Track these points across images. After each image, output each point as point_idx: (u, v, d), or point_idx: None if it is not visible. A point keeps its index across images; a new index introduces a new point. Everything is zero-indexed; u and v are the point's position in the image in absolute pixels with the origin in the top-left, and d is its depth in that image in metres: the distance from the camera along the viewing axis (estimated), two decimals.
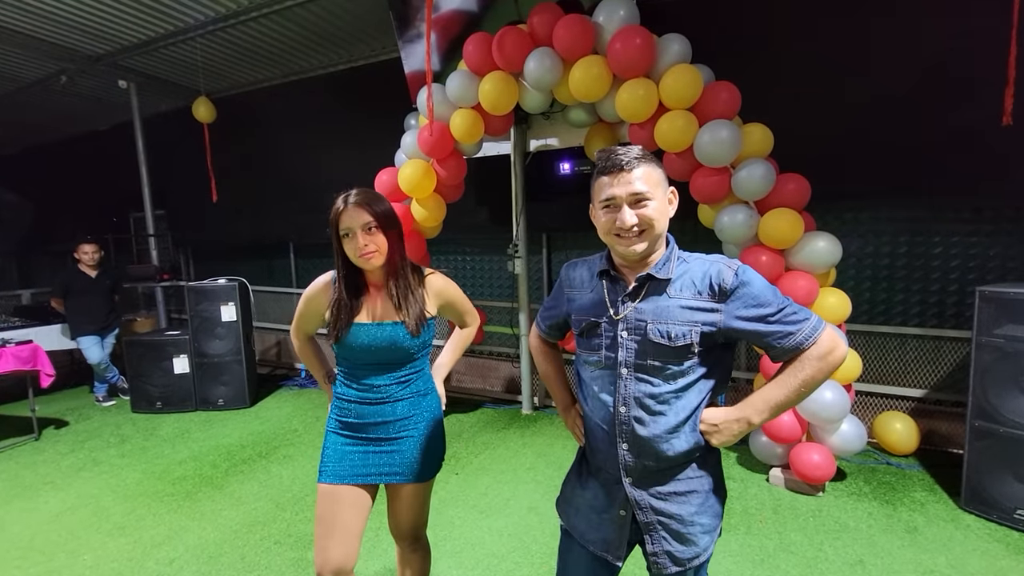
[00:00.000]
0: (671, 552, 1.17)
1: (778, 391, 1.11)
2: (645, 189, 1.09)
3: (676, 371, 1.12)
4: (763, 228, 2.79)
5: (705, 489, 1.18)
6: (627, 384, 1.14)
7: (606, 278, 1.21)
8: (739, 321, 1.09)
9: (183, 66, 5.29)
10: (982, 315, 2.52)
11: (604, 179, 1.12)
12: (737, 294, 1.09)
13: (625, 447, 1.15)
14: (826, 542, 2.41)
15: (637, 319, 1.14)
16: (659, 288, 1.14)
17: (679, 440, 1.13)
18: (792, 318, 1.09)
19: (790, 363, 1.11)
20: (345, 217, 1.43)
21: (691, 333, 1.10)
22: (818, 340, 1.08)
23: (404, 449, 1.55)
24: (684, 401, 1.13)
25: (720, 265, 1.13)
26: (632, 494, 1.17)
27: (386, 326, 1.49)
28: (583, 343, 1.24)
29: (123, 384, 4.92)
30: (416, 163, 3.48)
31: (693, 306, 1.11)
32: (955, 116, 3.03)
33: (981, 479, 2.54)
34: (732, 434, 1.14)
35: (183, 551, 2.49)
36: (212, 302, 4.56)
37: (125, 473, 3.38)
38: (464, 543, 2.47)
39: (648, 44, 2.77)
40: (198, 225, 6.51)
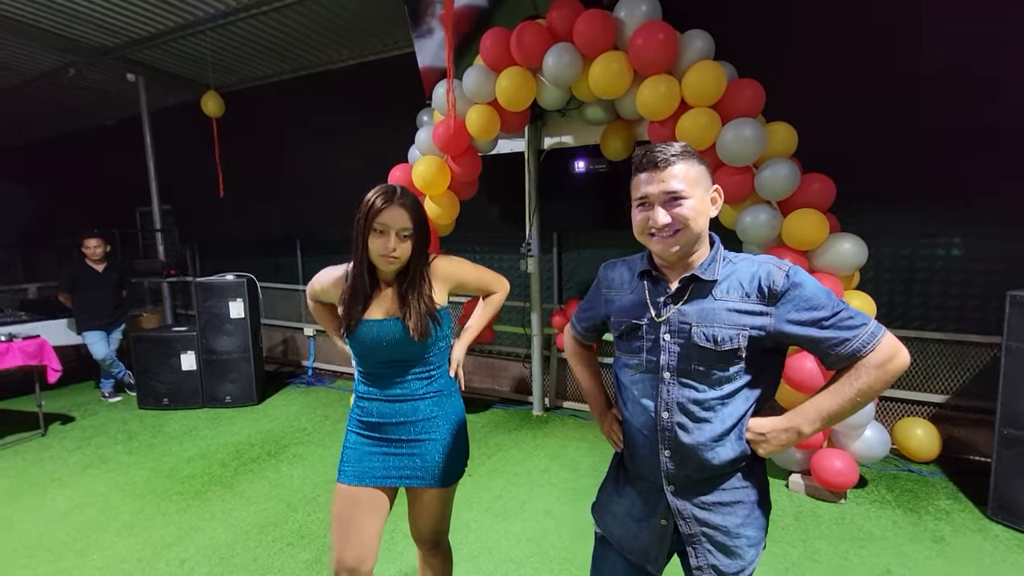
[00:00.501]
0: (716, 566, 1.12)
1: (832, 400, 1.04)
2: (681, 188, 1.04)
3: (722, 376, 1.07)
4: (787, 229, 2.74)
5: (751, 500, 1.13)
6: (670, 389, 1.10)
7: (647, 279, 1.17)
8: (790, 325, 1.03)
9: (192, 60, 5.24)
10: (1012, 320, 2.46)
11: (640, 176, 1.09)
12: (788, 296, 1.04)
13: (667, 454, 1.11)
14: (851, 551, 2.35)
15: (681, 322, 1.09)
16: (704, 290, 1.09)
17: (725, 448, 1.08)
18: (848, 323, 1.01)
19: (845, 371, 1.04)
20: (387, 214, 1.38)
21: (738, 337, 1.05)
22: (877, 347, 1.00)
23: (426, 452, 1.50)
24: (730, 408, 1.08)
25: (770, 266, 1.07)
26: (674, 503, 1.12)
27: (392, 322, 1.44)
28: (623, 346, 1.20)
29: (130, 380, 4.88)
30: (430, 159, 3.43)
31: (741, 309, 1.06)
32: (979, 117, 2.98)
33: (1010, 488, 2.48)
34: (780, 444, 1.08)
35: (194, 552, 2.44)
36: (220, 298, 4.51)
37: (133, 471, 3.34)
38: (481, 547, 2.42)
39: (671, 40, 2.71)
40: (205, 221, 6.47)
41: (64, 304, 4.74)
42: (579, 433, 3.81)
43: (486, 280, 1.65)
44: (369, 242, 1.40)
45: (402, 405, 1.48)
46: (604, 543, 1.28)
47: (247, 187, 5.88)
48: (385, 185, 1.43)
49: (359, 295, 1.45)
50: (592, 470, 3.19)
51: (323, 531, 2.59)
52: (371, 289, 1.46)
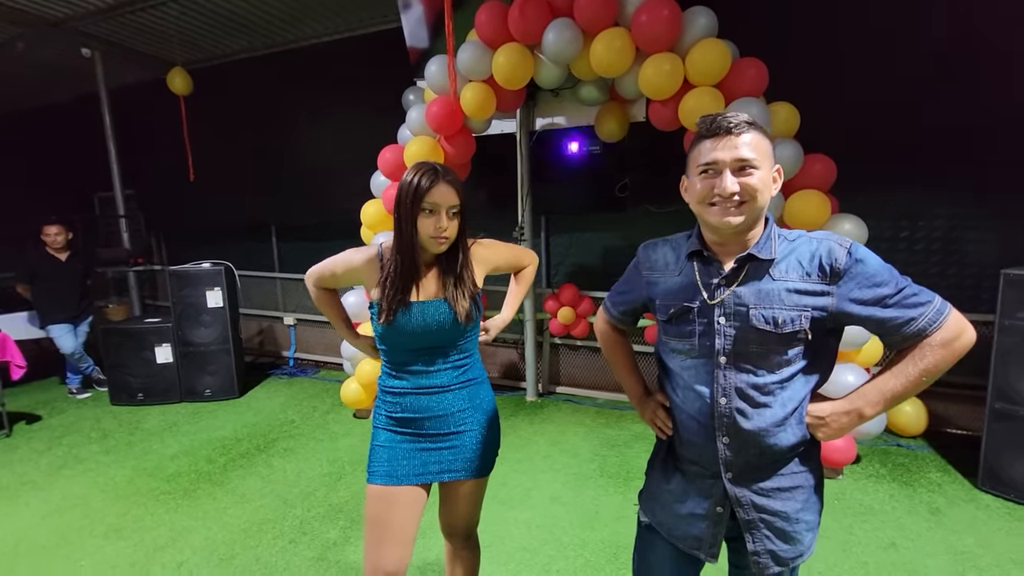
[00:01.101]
0: (774, 551, 1.10)
1: (895, 381, 1.00)
2: (753, 156, 0.99)
3: (781, 360, 1.03)
4: (789, 210, 2.74)
5: (809, 484, 1.11)
6: (726, 374, 1.05)
7: (698, 259, 1.11)
8: (854, 305, 0.99)
9: (155, 35, 4.90)
10: (1006, 298, 2.53)
11: (707, 143, 1.03)
12: (851, 274, 0.99)
13: (726, 440, 1.07)
14: (855, 525, 2.41)
15: (737, 304, 1.04)
16: (761, 270, 1.04)
17: (786, 433, 1.05)
18: (913, 300, 0.97)
19: (909, 350, 1.00)
20: (435, 193, 1.30)
21: (800, 318, 1.00)
22: (943, 325, 0.96)
23: (464, 444, 1.44)
24: (790, 392, 1.04)
25: (831, 243, 1.02)
26: (732, 491, 1.09)
27: (438, 303, 1.37)
28: (671, 330, 1.14)
29: (99, 375, 4.62)
30: (423, 140, 3.30)
31: (801, 289, 1.01)
32: (976, 97, 3.03)
33: (1000, 460, 2.58)
34: (841, 427, 1.05)
35: (191, 554, 2.32)
36: (196, 287, 4.29)
37: (112, 470, 3.16)
38: (493, 537, 2.38)
39: (675, 17, 2.65)
40: (172, 206, 6.12)
41: (23, 296, 4.43)
42: (575, 418, 3.80)
43: (519, 257, 1.63)
44: (420, 223, 1.31)
45: (436, 397, 1.40)
46: (650, 531, 1.24)
47: (218, 170, 5.59)
48: (423, 163, 1.34)
49: (408, 278, 1.35)
50: (593, 455, 3.17)
51: (325, 527, 2.51)
52: (416, 272, 1.37)
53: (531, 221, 4.15)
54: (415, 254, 1.35)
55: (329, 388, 4.65)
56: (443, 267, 1.39)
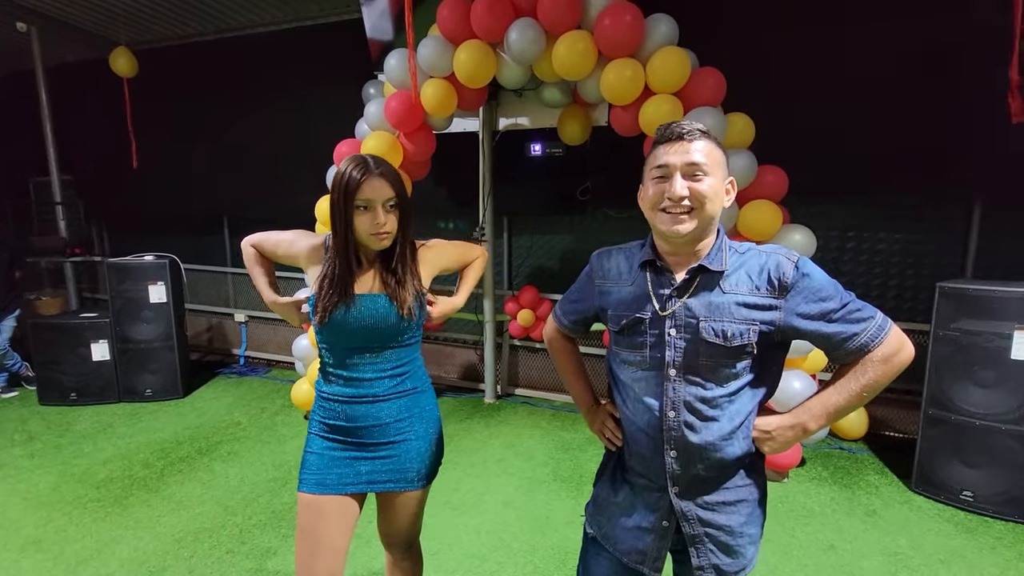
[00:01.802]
0: (718, 565, 1.09)
1: (838, 396, 1.02)
2: (703, 161, 0.99)
3: (729, 373, 1.03)
4: (743, 219, 2.80)
5: (754, 498, 1.11)
6: (676, 387, 1.05)
7: (650, 269, 1.10)
8: (800, 319, 1.00)
9: (98, 11, 4.60)
10: (940, 309, 2.65)
11: (660, 148, 1.03)
12: (798, 288, 1.00)
13: (673, 454, 1.06)
14: (797, 528, 2.48)
15: (687, 316, 1.03)
16: (712, 282, 1.04)
17: (732, 447, 1.04)
18: (856, 315, 0.99)
19: (851, 366, 1.02)
20: (367, 187, 1.23)
21: (749, 332, 1.00)
22: (884, 341, 0.98)
23: (400, 454, 1.38)
24: (737, 405, 1.04)
25: (779, 256, 1.03)
26: (678, 505, 1.08)
27: (377, 298, 1.31)
28: (623, 341, 1.12)
29: (27, 372, 4.32)
30: (381, 135, 3.21)
31: (750, 303, 1.01)
32: (912, 115, 3.18)
33: (932, 463, 2.70)
34: (786, 440, 1.05)
35: (116, 567, 2.18)
36: (138, 281, 4.07)
37: (36, 476, 2.94)
38: (441, 544, 2.33)
39: (637, 22, 2.66)
40: (115, 194, 5.78)
41: None
42: (532, 420, 3.79)
43: (464, 255, 1.57)
44: (354, 221, 1.25)
45: (373, 406, 1.35)
46: (595, 543, 1.22)
47: (166, 158, 5.33)
48: (355, 156, 1.28)
49: (344, 280, 1.29)
50: (548, 458, 3.16)
51: (266, 535, 2.40)
52: (356, 270, 1.32)
53: (492, 221, 4.11)
54: (351, 255, 1.29)
55: (280, 388, 4.49)
56: (386, 264, 1.33)
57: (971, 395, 2.56)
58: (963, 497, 2.59)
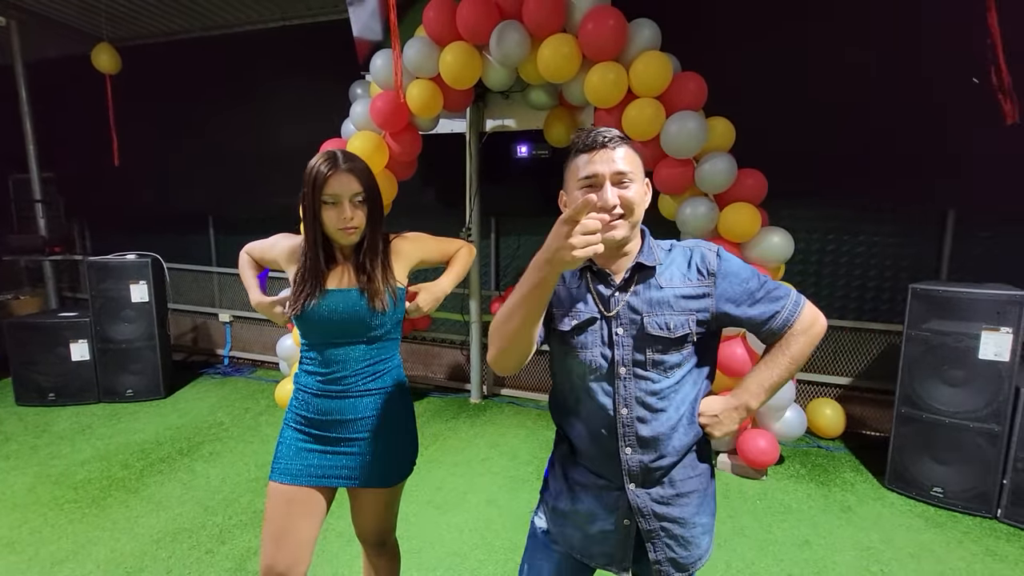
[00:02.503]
0: (675, 559, 1.11)
1: (771, 372, 1.09)
2: (629, 169, 1.03)
3: (673, 364, 1.07)
4: (723, 221, 2.85)
5: (703, 487, 1.14)
6: (626, 384, 1.07)
7: (589, 274, 1.11)
8: (729, 304, 1.07)
9: (80, 6, 4.54)
10: (913, 310, 2.72)
11: (583, 157, 1.04)
12: (722, 273, 1.08)
13: (629, 451, 1.07)
14: (774, 524, 2.53)
15: (632, 313, 1.07)
16: (649, 278, 1.08)
17: (680, 435, 1.08)
18: (775, 293, 1.08)
19: (776, 342, 1.10)
20: (334, 182, 1.26)
21: (688, 322, 1.06)
22: (801, 314, 1.07)
23: (368, 451, 1.39)
24: (682, 394, 1.08)
25: (701, 248, 1.11)
26: (635, 501, 1.09)
27: (350, 292, 1.33)
28: (569, 344, 1.11)
29: None
30: (367, 135, 3.22)
31: (686, 294, 1.07)
32: (887, 119, 3.26)
33: (904, 460, 2.77)
34: (733, 422, 1.11)
35: (93, 567, 2.16)
36: (119, 280, 4.02)
37: (12, 477, 2.90)
38: (423, 542, 2.34)
39: (621, 27, 2.70)
40: (97, 192, 5.70)
41: None
42: (517, 420, 3.81)
43: (445, 249, 1.56)
44: (323, 216, 1.27)
45: (344, 401, 1.36)
46: (548, 540, 1.21)
47: (149, 156, 5.27)
48: (325, 151, 1.30)
49: (316, 274, 1.32)
50: (532, 457, 3.19)
51: (246, 535, 2.39)
52: (326, 266, 1.34)
53: (479, 222, 4.13)
54: (319, 249, 1.31)
55: (265, 388, 4.46)
56: (358, 259, 1.35)
57: (941, 394, 2.63)
58: (933, 493, 2.66)
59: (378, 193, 1.34)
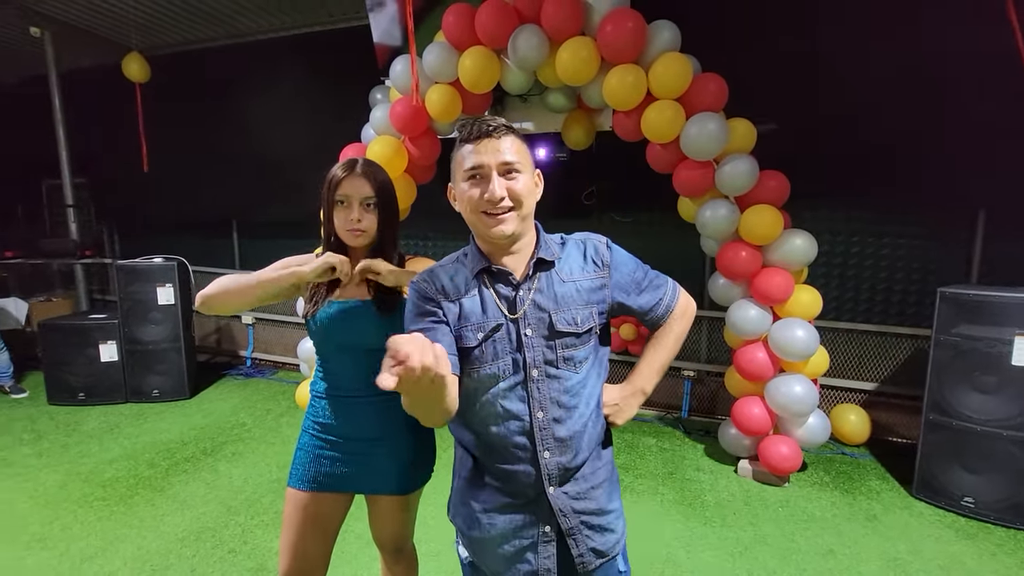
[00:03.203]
0: (594, 548, 1.08)
1: (659, 354, 1.18)
2: (515, 160, 1.00)
3: (581, 358, 1.06)
4: (744, 224, 2.81)
5: (609, 474, 1.13)
6: (539, 386, 1.03)
7: (487, 276, 1.06)
8: (621, 293, 1.10)
9: (111, 17, 4.69)
10: (941, 314, 2.65)
11: (468, 147, 1.01)
12: (614, 264, 1.10)
13: (547, 455, 1.03)
14: (797, 532, 2.48)
15: (538, 312, 1.03)
16: (550, 274, 1.06)
17: (591, 429, 1.07)
18: (657, 282, 1.15)
19: (659, 327, 1.18)
20: (346, 184, 1.30)
21: (593, 314, 1.06)
22: (679, 300, 1.18)
23: (383, 458, 1.39)
24: (589, 388, 1.07)
25: (593, 241, 1.12)
26: (556, 503, 1.04)
27: (360, 301, 1.34)
28: (477, 355, 1.03)
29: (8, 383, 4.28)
30: (386, 140, 3.25)
31: (587, 286, 1.07)
32: (915, 121, 3.18)
33: (932, 469, 2.69)
34: (632, 408, 1.16)
35: (120, 564, 2.21)
36: (146, 283, 4.12)
37: (44, 475, 2.99)
38: (442, 544, 2.35)
39: (640, 29, 2.68)
40: (126, 197, 5.87)
41: None
42: None
43: None
44: (334, 216, 1.31)
45: (359, 408, 1.37)
46: (476, 570, 1.15)
47: (176, 162, 5.39)
48: (348, 157, 1.33)
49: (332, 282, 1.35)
50: None
51: (268, 536, 2.43)
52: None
53: None
54: (336, 249, 1.35)
55: (286, 390, 4.52)
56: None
57: (972, 401, 2.55)
58: (964, 503, 2.58)
59: (392, 201, 1.36)
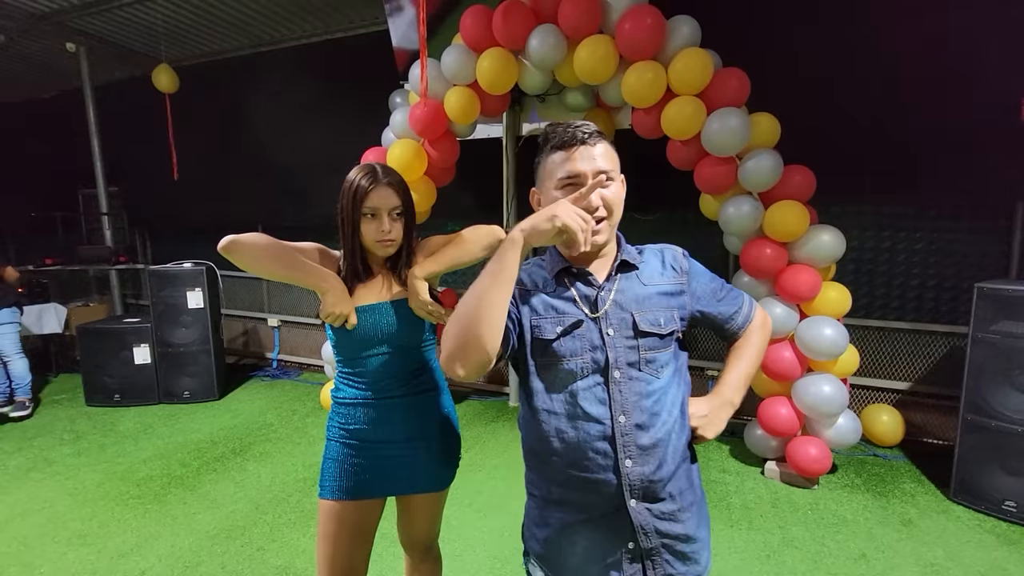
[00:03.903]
0: (673, 574, 1.02)
1: (745, 364, 1.14)
2: (609, 168, 0.98)
3: (663, 362, 1.03)
4: (768, 220, 2.75)
5: (699, 499, 1.07)
6: (621, 388, 0.99)
7: (567, 276, 1.05)
8: (699, 301, 1.10)
9: (141, 30, 4.85)
10: (979, 311, 2.55)
11: (560, 154, 0.99)
12: (692, 273, 1.10)
13: (629, 463, 0.97)
14: (827, 536, 2.41)
15: (620, 313, 1.02)
16: (631, 276, 1.06)
17: (677, 439, 1.02)
18: (733, 294, 1.14)
19: (738, 339, 1.16)
20: (375, 195, 1.29)
21: (674, 318, 1.04)
22: (756, 312, 1.17)
23: (419, 455, 1.40)
24: (671, 395, 1.03)
25: (670, 250, 1.12)
26: (638, 519, 0.98)
27: (389, 304, 1.35)
28: (554, 354, 1.01)
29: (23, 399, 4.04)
30: (406, 143, 3.28)
31: (667, 291, 1.06)
32: (950, 113, 3.07)
33: (970, 471, 2.59)
34: (722, 421, 1.09)
35: (155, 561, 2.28)
36: (177, 287, 4.24)
37: (82, 474, 3.10)
38: (464, 545, 2.36)
39: (659, 25, 2.66)
40: (157, 204, 6.06)
41: None
42: None
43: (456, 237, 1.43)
44: (362, 228, 1.30)
45: (395, 409, 1.38)
46: None
47: (204, 169, 5.54)
48: (364, 165, 1.33)
49: (353, 280, 1.36)
50: None
51: (295, 534, 2.47)
52: (364, 278, 1.37)
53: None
54: (357, 261, 1.34)
55: (311, 391, 4.60)
56: (394, 272, 1.38)
57: (1011, 400, 2.45)
58: (1005, 507, 2.48)
59: (413, 206, 1.37)
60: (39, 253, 5.56)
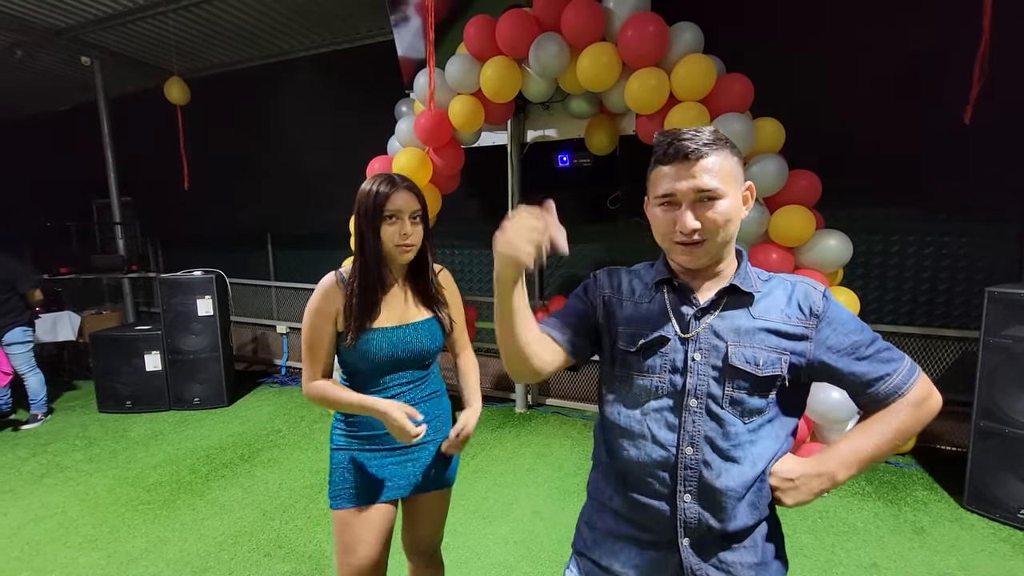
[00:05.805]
0: None
1: (870, 441, 0.90)
2: (715, 185, 0.88)
3: (753, 408, 0.91)
4: (774, 225, 2.74)
5: (771, 557, 0.96)
6: (695, 419, 0.92)
7: (667, 287, 0.99)
8: (830, 353, 0.91)
9: (154, 44, 4.95)
10: (990, 316, 2.52)
11: (664, 169, 0.91)
12: (828, 318, 0.92)
13: (688, 499, 0.91)
14: (837, 544, 2.38)
15: (714, 340, 0.93)
16: (741, 305, 0.94)
17: (752, 497, 0.91)
18: (886, 355, 0.91)
19: (879, 410, 0.92)
20: (396, 198, 1.30)
21: (780, 362, 0.91)
22: (916, 384, 0.90)
23: (425, 456, 1.44)
24: (759, 448, 0.92)
25: (806, 286, 0.95)
26: (689, 562, 0.92)
27: (419, 325, 1.37)
28: (637, 364, 0.97)
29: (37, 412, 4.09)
30: (411, 151, 3.32)
31: (781, 331, 0.92)
32: (958, 116, 3.03)
33: (984, 479, 2.55)
34: (811, 492, 0.91)
35: (163, 566, 2.30)
36: (187, 295, 4.30)
37: (94, 479, 3.14)
38: (469, 553, 2.36)
39: (661, 32, 2.67)
40: (168, 214, 6.15)
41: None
42: (562, 430, 3.78)
43: (462, 320, 1.53)
44: (383, 233, 1.30)
45: None
46: None
47: (214, 179, 5.61)
48: (378, 174, 1.35)
49: (373, 294, 1.33)
50: (578, 468, 3.15)
51: (302, 540, 2.48)
52: (381, 289, 1.35)
53: None
54: (381, 267, 1.33)
55: None
56: (412, 287, 1.41)
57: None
58: (1021, 515, 2.43)
59: (427, 212, 1.40)
60: (54, 262, 5.66)
